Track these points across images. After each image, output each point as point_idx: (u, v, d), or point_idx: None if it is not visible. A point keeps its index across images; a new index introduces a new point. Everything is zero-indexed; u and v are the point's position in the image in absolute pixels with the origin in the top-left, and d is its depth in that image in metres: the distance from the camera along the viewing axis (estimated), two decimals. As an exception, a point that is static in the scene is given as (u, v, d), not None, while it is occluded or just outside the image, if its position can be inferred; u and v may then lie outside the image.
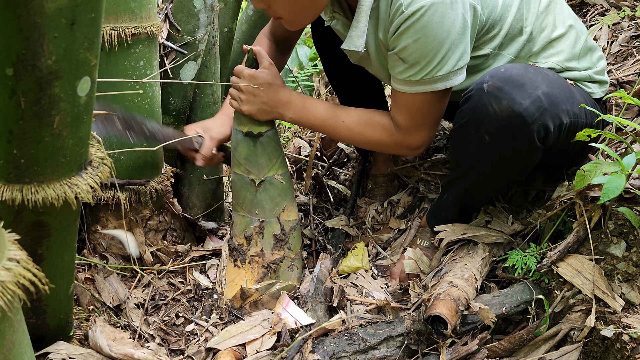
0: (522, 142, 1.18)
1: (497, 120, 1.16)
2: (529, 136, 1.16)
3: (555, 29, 1.33)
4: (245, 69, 1.37)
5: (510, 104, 1.14)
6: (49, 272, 0.81)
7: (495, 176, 1.31)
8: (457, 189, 1.40)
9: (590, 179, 1.11)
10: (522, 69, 1.20)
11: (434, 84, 1.23)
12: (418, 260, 1.48)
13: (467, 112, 1.23)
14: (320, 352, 1.20)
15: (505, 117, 1.15)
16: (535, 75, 1.18)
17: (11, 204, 0.79)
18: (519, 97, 1.13)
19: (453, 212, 1.45)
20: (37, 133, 0.74)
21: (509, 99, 1.14)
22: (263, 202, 1.42)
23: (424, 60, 1.19)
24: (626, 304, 1.15)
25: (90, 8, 0.69)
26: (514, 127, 1.15)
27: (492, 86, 1.16)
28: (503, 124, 1.16)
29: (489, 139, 1.20)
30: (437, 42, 1.17)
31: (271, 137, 1.41)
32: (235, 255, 1.46)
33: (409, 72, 1.23)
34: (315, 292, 1.37)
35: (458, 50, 1.19)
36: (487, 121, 1.18)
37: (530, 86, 1.15)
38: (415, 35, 1.17)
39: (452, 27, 1.16)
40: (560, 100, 1.18)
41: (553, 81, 1.21)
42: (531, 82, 1.16)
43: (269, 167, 1.41)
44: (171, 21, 1.58)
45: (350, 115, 1.39)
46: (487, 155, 1.25)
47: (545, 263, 1.24)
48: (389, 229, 1.71)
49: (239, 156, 1.42)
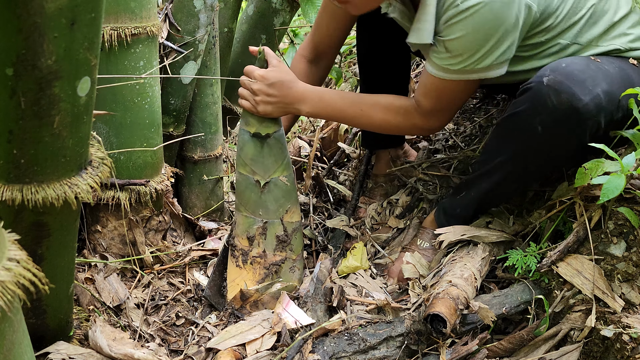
0: (574, 137, 1.18)
1: (554, 112, 1.17)
2: (583, 131, 1.17)
3: (619, 9, 1.31)
4: (255, 69, 1.37)
5: (570, 98, 1.14)
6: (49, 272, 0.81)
7: (534, 169, 1.32)
8: (484, 184, 1.38)
9: (591, 176, 1.11)
10: (584, 65, 1.20)
11: (471, 74, 1.25)
12: (417, 264, 1.48)
13: (523, 102, 1.23)
14: (320, 352, 1.20)
15: (563, 111, 1.16)
16: (596, 72, 1.18)
17: (11, 204, 0.78)
18: (580, 93, 1.14)
19: (470, 209, 1.45)
20: (37, 133, 0.74)
21: (569, 94, 1.14)
22: (267, 203, 1.42)
23: (468, 52, 1.21)
24: (626, 304, 1.15)
25: (90, 8, 0.69)
26: (570, 121, 1.16)
27: (553, 80, 1.16)
28: (560, 117, 1.16)
29: (541, 130, 1.20)
30: (485, 38, 1.18)
31: (278, 138, 1.41)
32: (236, 255, 1.46)
33: (450, 60, 1.24)
34: (315, 292, 1.37)
35: (503, 46, 1.20)
36: (544, 113, 1.18)
37: (591, 83, 1.15)
38: (466, 29, 1.18)
39: (503, 25, 1.16)
40: (618, 98, 1.18)
41: (614, 77, 1.20)
42: (592, 78, 1.16)
43: (275, 168, 1.41)
44: (171, 21, 1.58)
45: (368, 103, 1.40)
46: (535, 146, 1.25)
47: (545, 263, 1.24)
48: (388, 228, 1.71)
49: (244, 156, 1.41)
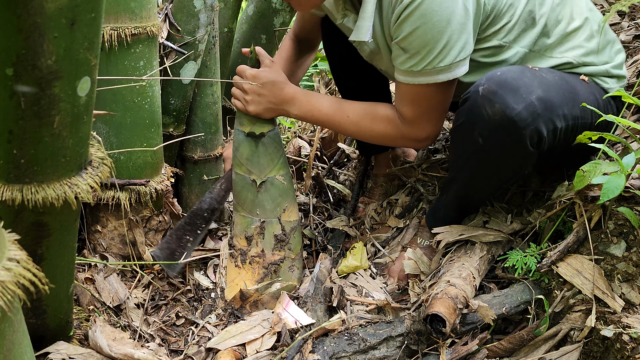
0: (514, 147, 1.18)
1: (490, 123, 1.17)
2: (521, 141, 1.16)
3: (572, 21, 1.31)
4: (247, 69, 1.37)
5: (503, 108, 1.14)
6: (49, 272, 0.81)
7: (489, 177, 1.32)
8: (454, 189, 1.40)
9: (589, 179, 1.11)
10: (519, 72, 1.19)
11: (437, 75, 1.22)
12: (418, 260, 1.48)
13: (463, 113, 1.23)
14: (320, 352, 1.20)
15: (497, 121, 1.15)
16: (532, 79, 1.17)
17: (11, 204, 0.78)
18: (512, 102, 1.13)
19: (451, 211, 1.45)
20: (37, 133, 0.74)
21: (502, 103, 1.14)
22: (264, 203, 1.42)
23: (425, 49, 1.19)
24: (626, 304, 1.15)
25: (90, 8, 0.69)
26: (507, 131, 1.15)
27: (487, 89, 1.16)
28: (496, 127, 1.16)
29: (482, 141, 1.21)
30: (437, 31, 1.16)
31: (273, 137, 1.41)
32: (235, 255, 1.46)
33: (410, 62, 1.22)
34: (314, 292, 1.37)
35: (460, 41, 1.18)
36: (481, 124, 1.18)
37: (525, 90, 1.14)
38: (415, 23, 1.16)
39: (453, 15, 1.15)
40: (556, 105, 1.17)
41: (551, 85, 1.20)
42: (526, 86, 1.15)
43: (271, 167, 1.41)
44: (171, 21, 1.58)
45: (355, 110, 1.38)
46: (481, 157, 1.25)
47: (545, 263, 1.24)
48: (387, 228, 1.71)
49: (240, 156, 1.41)
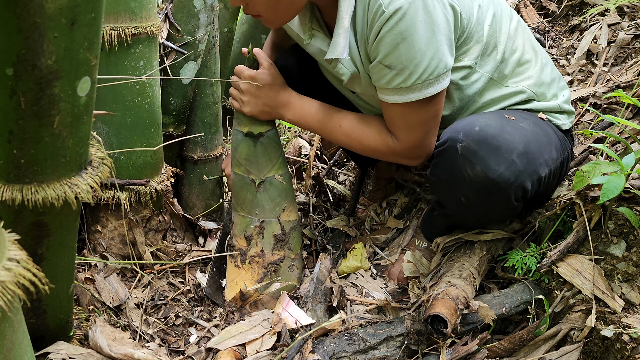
0: (499, 204, 1.18)
1: (472, 185, 1.15)
2: (506, 198, 1.15)
3: (525, 52, 1.32)
4: (245, 70, 1.37)
5: (485, 170, 1.12)
6: (49, 272, 0.81)
7: (478, 221, 1.34)
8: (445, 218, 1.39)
9: (589, 179, 1.11)
10: (498, 128, 1.15)
11: (427, 89, 1.16)
12: (417, 262, 1.48)
13: (442, 170, 1.21)
14: (320, 352, 1.20)
15: (480, 183, 1.14)
16: (512, 134, 1.15)
17: (11, 204, 0.78)
18: (494, 164, 1.11)
19: (442, 228, 1.44)
20: (37, 133, 0.74)
21: (483, 165, 1.12)
22: (263, 203, 1.42)
23: (412, 63, 1.13)
24: (626, 304, 1.15)
25: (90, 8, 0.69)
26: (490, 192, 1.14)
27: (466, 149, 1.13)
28: (479, 189, 1.15)
29: (465, 201, 1.20)
30: (423, 42, 1.11)
31: (271, 137, 1.41)
32: (235, 255, 1.46)
33: (398, 78, 1.16)
34: (315, 292, 1.37)
35: (445, 50, 1.15)
36: (463, 185, 1.17)
37: (506, 149, 1.12)
38: (400, 36, 1.10)
39: (436, 26, 1.11)
40: (537, 155, 1.16)
41: (529, 135, 1.18)
42: (507, 143, 1.13)
43: (269, 167, 1.41)
44: (171, 21, 1.58)
45: (348, 120, 1.34)
46: (467, 211, 1.25)
47: (545, 263, 1.24)
48: (387, 229, 1.72)
49: (239, 156, 1.42)
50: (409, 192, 1.79)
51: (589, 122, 1.78)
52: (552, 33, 2.35)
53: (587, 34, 2.12)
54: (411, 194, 1.79)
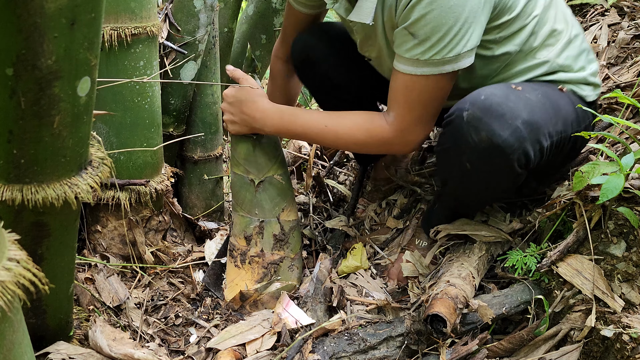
0: (503, 171, 1.17)
1: (477, 150, 1.15)
2: (509, 165, 1.15)
3: (556, 23, 1.30)
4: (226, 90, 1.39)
5: (490, 135, 1.12)
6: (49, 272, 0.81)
7: (481, 195, 1.32)
8: (447, 201, 1.40)
9: (588, 180, 1.11)
10: (503, 96, 1.16)
11: (443, 66, 1.16)
12: (416, 262, 1.48)
13: (448, 138, 1.21)
14: (320, 352, 1.20)
15: (484, 148, 1.14)
16: (516, 103, 1.15)
17: (11, 204, 0.78)
18: (498, 129, 1.12)
19: (443, 218, 1.44)
20: (37, 133, 0.74)
21: (487, 131, 1.12)
22: (262, 202, 1.42)
23: (436, 35, 1.12)
24: (626, 304, 1.15)
25: (90, 8, 0.69)
26: (494, 157, 1.14)
27: (472, 116, 1.14)
28: (483, 154, 1.15)
29: (470, 166, 1.19)
30: (451, 16, 1.10)
31: (271, 137, 1.41)
32: (235, 255, 1.46)
33: (418, 49, 1.15)
34: (314, 292, 1.37)
35: (471, 29, 1.13)
36: (467, 151, 1.17)
37: (510, 116, 1.12)
38: (430, 5, 1.09)
39: (468, 1, 1.10)
40: (542, 125, 1.16)
41: (535, 105, 1.18)
42: (511, 111, 1.13)
43: (269, 167, 1.42)
44: (171, 21, 1.58)
45: (334, 119, 1.32)
46: (470, 179, 1.24)
47: (545, 263, 1.24)
48: (387, 229, 1.72)
49: (238, 156, 1.42)
50: (408, 193, 1.79)
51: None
52: (552, 33, 2.34)
53: (587, 34, 2.13)
54: (410, 194, 1.79)
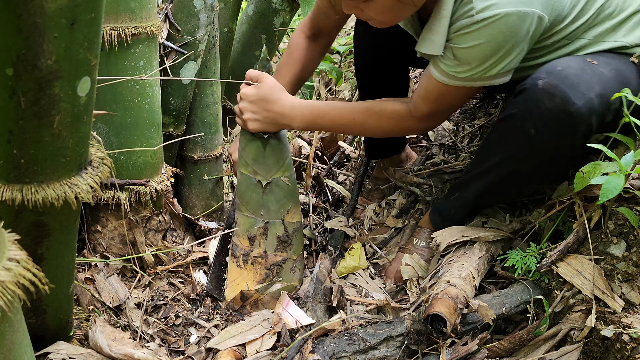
0: (567, 139, 1.18)
1: (547, 116, 1.16)
2: (574, 134, 1.16)
3: (631, 4, 1.28)
4: (243, 87, 1.38)
5: (564, 102, 1.14)
6: (49, 272, 0.81)
7: (527, 171, 1.31)
8: (477, 185, 1.38)
9: (589, 180, 1.11)
10: (579, 68, 1.18)
11: (476, 82, 1.23)
12: (415, 265, 1.48)
13: (518, 104, 1.22)
14: (320, 352, 1.20)
15: (556, 114, 1.15)
16: (592, 76, 1.17)
17: (11, 204, 0.78)
18: (573, 97, 1.13)
19: (464, 210, 1.44)
20: (37, 133, 0.74)
21: (562, 97, 1.14)
22: (269, 204, 1.42)
23: (476, 62, 1.19)
24: (626, 304, 1.15)
25: (90, 8, 0.69)
26: (563, 124, 1.16)
27: (548, 83, 1.16)
28: (552, 120, 1.16)
29: (534, 132, 1.20)
30: (495, 50, 1.17)
31: (280, 138, 1.41)
32: (237, 255, 1.46)
33: (458, 69, 1.22)
34: (314, 292, 1.37)
35: (511, 56, 1.18)
36: (537, 115, 1.18)
37: (585, 87, 1.14)
38: (478, 40, 1.16)
39: (514, 37, 1.15)
40: (611, 101, 1.17)
41: (609, 80, 1.19)
42: (586, 82, 1.15)
43: (277, 168, 1.41)
44: (171, 21, 1.58)
45: (359, 110, 1.37)
46: (528, 148, 1.24)
47: (545, 263, 1.24)
48: (386, 228, 1.72)
49: (246, 157, 1.41)
50: (407, 194, 1.80)
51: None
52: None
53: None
54: (409, 195, 1.79)
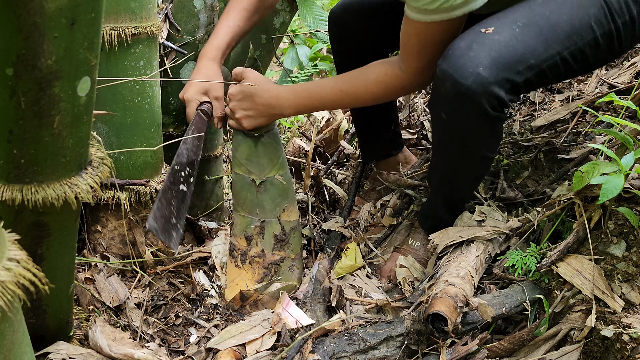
0: (476, 116, 1.18)
1: (447, 100, 1.19)
2: (480, 110, 1.16)
3: None
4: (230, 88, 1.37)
5: (453, 85, 1.15)
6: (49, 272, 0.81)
7: (465, 157, 1.30)
8: (436, 181, 1.40)
9: (588, 180, 1.11)
10: (465, 47, 1.15)
11: (452, 12, 1.15)
12: (410, 267, 1.48)
13: (432, 92, 1.25)
14: (320, 352, 1.20)
15: (453, 98, 1.17)
16: (479, 50, 1.14)
17: (11, 204, 0.79)
18: (460, 77, 1.13)
19: (441, 208, 1.44)
20: (37, 133, 0.74)
21: (451, 81, 1.15)
22: (264, 203, 1.42)
23: None
24: (626, 304, 1.15)
25: (90, 8, 0.69)
26: (463, 105, 1.16)
27: (440, 69, 1.17)
28: (453, 103, 1.18)
29: (445, 117, 1.22)
30: None
31: (272, 137, 1.41)
32: (235, 255, 1.46)
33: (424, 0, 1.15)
34: (313, 292, 1.37)
35: None
36: (440, 102, 1.22)
37: (471, 64, 1.13)
38: None
39: None
40: (513, 62, 1.15)
41: (505, 43, 1.15)
42: (471, 60, 1.13)
43: (270, 167, 1.41)
44: (171, 21, 1.58)
45: (348, 82, 1.34)
46: (450, 135, 1.25)
47: (545, 263, 1.24)
48: (381, 228, 1.72)
49: (240, 156, 1.41)
50: (401, 195, 1.80)
51: (587, 122, 1.78)
52: (552, 33, 2.34)
53: (587, 34, 2.12)
54: (404, 196, 1.80)
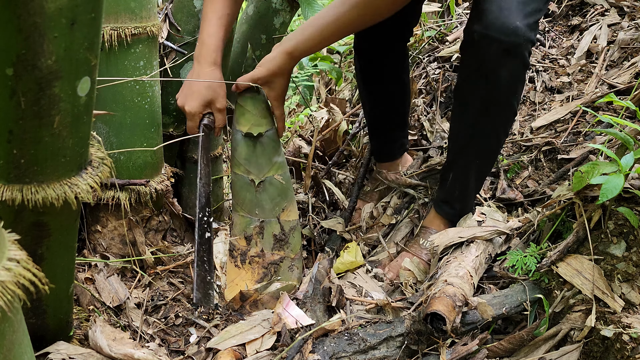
0: (520, 67, 1.30)
1: (492, 60, 1.27)
2: (523, 59, 1.28)
3: None
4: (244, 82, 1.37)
5: (499, 44, 1.25)
6: (49, 272, 0.81)
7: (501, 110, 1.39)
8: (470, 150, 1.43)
9: (588, 180, 1.12)
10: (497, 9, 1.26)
11: None
12: (415, 269, 1.49)
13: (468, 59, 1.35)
14: (320, 352, 1.20)
15: (500, 55, 1.27)
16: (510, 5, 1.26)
17: (11, 204, 0.78)
18: (504, 35, 1.25)
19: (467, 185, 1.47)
20: (37, 133, 0.73)
21: (497, 41, 1.25)
22: (263, 202, 1.42)
23: None
24: (626, 304, 1.15)
25: (90, 8, 0.69)
26: (510, 59, 1.27)
27: (478, 34, 1.27)
28: (500, 60, 1.27)
29: (491, 77, 1.30)
30: None
31: (271, 137, 1.41)
32: (235, 255, 1.46)
33: None
34: (313, 292, 1.37)
35: None
36: (485, 63, 1.30)
37: (508, 21, 1.24)
38: None
39: None
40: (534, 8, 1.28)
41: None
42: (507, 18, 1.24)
43: (269, 167, 1.41)
44: (171, 21, 1.58)
45: (338, 7, 1.32)
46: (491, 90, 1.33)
47: (545, 263, 1.24)
48: (381, 226, 1.73)
49: (238, 156, 1.42)
50: (401, 195, 1.80)
51: (587, 122, 1.78)
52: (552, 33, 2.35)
53: (587, 34, 2.12)
54: (404, 196, 1.80)
